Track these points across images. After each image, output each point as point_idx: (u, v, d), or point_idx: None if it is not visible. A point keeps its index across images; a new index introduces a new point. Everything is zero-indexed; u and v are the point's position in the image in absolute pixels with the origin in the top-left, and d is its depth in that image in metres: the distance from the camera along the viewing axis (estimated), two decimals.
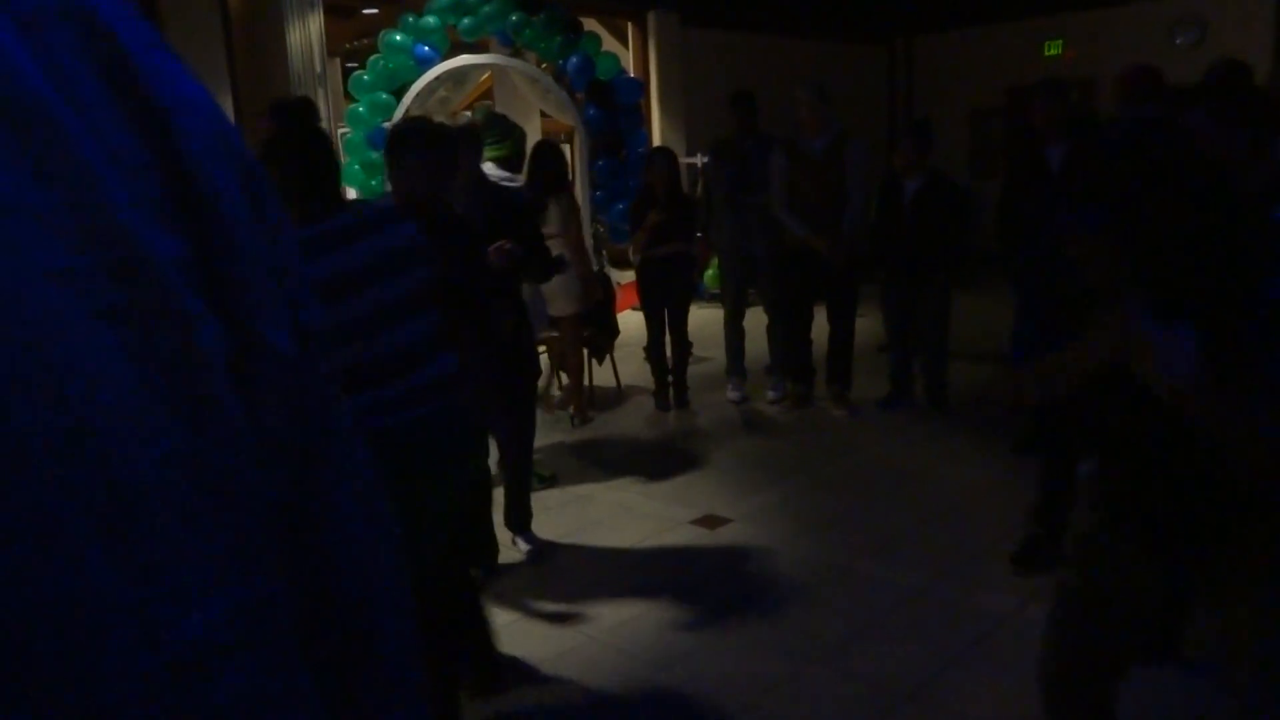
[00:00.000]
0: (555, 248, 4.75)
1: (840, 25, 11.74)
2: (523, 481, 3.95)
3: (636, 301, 6.46)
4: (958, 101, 11.90)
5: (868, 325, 7.35)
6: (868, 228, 5.50)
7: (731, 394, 6.06)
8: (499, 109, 10.05)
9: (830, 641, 3.07)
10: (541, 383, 5.09)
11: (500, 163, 4.61)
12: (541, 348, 5.50)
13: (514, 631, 3.23)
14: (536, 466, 4.48)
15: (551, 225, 4.94)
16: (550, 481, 4.70)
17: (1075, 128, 4.51)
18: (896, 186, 5.33)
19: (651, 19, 9.65)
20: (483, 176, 3.83)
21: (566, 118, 8.39)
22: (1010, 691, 2.69)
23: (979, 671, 2.84)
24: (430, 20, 7.66)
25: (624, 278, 8.65)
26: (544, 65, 8.49)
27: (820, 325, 5.66)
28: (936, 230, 5.17)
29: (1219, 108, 2.24)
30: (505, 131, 4.69)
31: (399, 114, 7.51)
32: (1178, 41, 10.02)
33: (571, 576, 3.66)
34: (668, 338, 5.85)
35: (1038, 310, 1.98)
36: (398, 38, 7.62)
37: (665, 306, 5.79)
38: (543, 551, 3.86)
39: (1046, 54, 11.07)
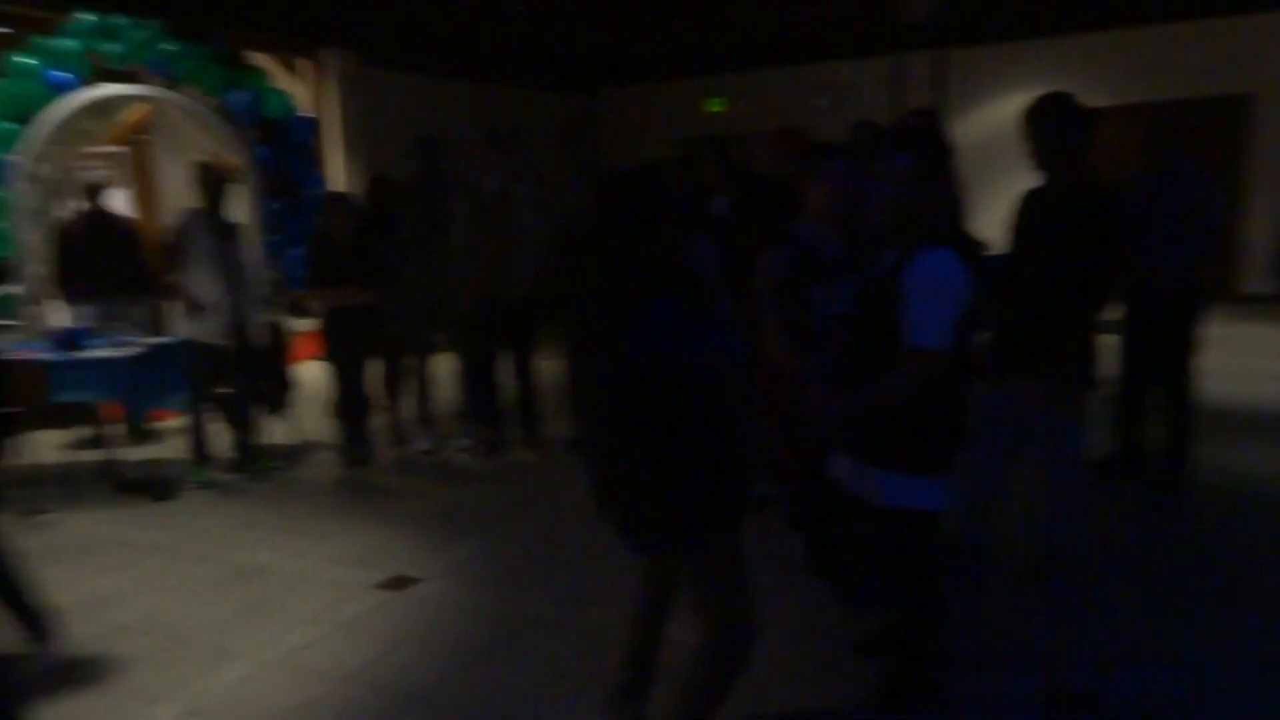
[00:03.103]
0: None
1: (525, 74, 12.00)
2: None
3: (317, 352, 6.12)
4: (638, 151, 12.54)
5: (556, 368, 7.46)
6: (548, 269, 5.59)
7: (422, 444, 5.88)
8: (158, 144, 9.18)
9: (524, 698, 3.01)
10: None
11: None
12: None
13: None
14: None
15: None
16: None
17: (737, 180, 4.87)
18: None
19: (327, 56, 9.27)
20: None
21: (233, 156, 7.81)
22: None
23: None
24: (69, 44, 6.83)
25: (302, 326, 8.17)
26: (212, 101, 7.84)
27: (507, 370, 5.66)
28: None
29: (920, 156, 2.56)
30: None
31: (30, 146, 6.61)
32: (818, 104, 11.25)
33: (244, 659, 3.32)
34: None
35: None
36: (26, 61, 6.72)
37: (353, 357, 5.54)
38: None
39: (710, 109, 11.99)
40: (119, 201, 9.15)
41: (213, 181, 5.30)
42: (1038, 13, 10.27)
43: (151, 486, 5.21)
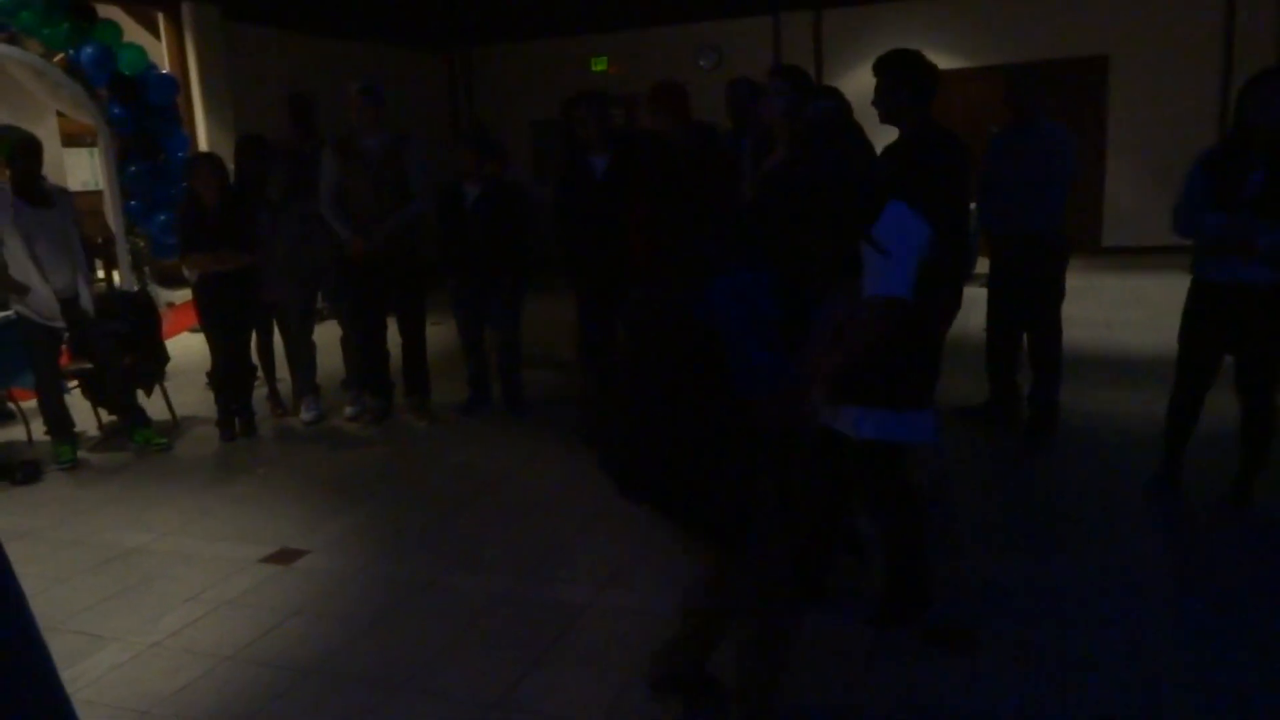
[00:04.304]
0: None
1: (398, 31, 11.59)
2: None
3: (193, 323, 5.87)
4: (519, 112, 12.32)
5: (446, 332, 7.34)
6: (433, 233, 5.47)
7: (306, 414, 5.70)
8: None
9: (415, 662, 2.98)
10: None
11: None
12: None
13: None
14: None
15: None
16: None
17: (616, 138, 4.83)
18: (458, 193, 5.35)
19: (186, 10, 8.74)
20: None
21: (85, 117, 7.32)
22: (589, 681, 2.80)
23: (561, 667, 2.91)
24: None
25: (175, 297, 7.81)
26: (58, 57, 7.31)
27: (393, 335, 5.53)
28: (500, 234, 5.28)
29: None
30: None
31: None
32: (701, 64, 11.26)
33: (118, 644, 3.17)
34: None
35: (594, 308, 2.24)
36: None
37: (230, 326, 5.34)
38: None
39: (594, 69, 11.85)
40: None
41: (17, 147, 4.82)
42: None
43: (12, 469, 4.90)
